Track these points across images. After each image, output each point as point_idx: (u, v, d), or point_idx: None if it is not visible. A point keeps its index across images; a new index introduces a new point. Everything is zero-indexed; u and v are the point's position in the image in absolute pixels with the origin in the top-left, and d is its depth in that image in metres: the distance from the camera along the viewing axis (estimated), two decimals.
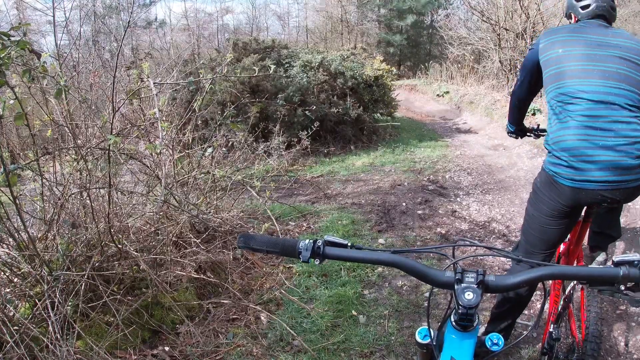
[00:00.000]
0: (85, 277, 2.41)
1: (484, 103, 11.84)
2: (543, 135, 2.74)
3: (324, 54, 9.17)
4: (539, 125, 2.76)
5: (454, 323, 1.06)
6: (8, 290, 2.43)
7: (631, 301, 1.59)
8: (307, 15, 26.69)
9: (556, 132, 1.92)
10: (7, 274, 2.44)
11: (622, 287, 1.00)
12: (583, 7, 2.12)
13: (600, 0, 2.09)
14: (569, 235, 2.30)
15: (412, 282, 3.43)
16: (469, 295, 0.99)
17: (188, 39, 19.37)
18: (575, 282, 2.17)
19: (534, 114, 8.87)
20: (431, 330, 1.15)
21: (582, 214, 2.16)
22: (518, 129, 2.68)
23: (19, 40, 1.79)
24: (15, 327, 2.12)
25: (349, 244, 1.13)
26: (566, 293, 2.20)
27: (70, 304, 2.31)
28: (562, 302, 2.20)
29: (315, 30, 25.64)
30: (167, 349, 2.61)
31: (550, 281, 2.43)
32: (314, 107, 7.69)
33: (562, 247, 2.47)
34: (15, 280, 2.46)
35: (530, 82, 2.24)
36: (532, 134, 2.77)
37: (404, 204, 5.20)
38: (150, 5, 21.85)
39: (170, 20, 24.45)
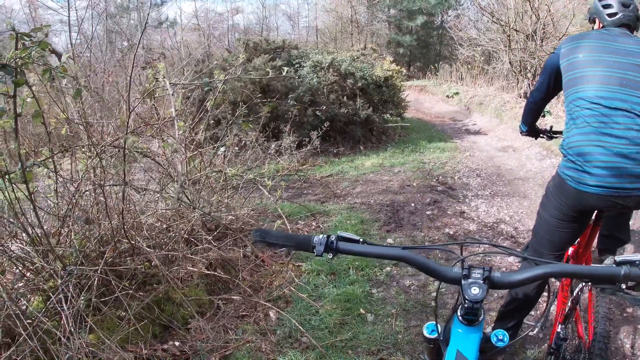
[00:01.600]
0: (98, 272, 2.45)
1: (493, 104, 11.80)
2: (555, 137, 2.74)
3: (334, 55, 9.19)
4: (552, 127, 2.76)
5: (460, 317, 1.09)
6: (21, 284, 2.47)
7: (631, 300, 1.61)
8: (317, 15, 26.66)
9: (572, 136, 1.93)
10: (19, 269, 2.49)
11: (624, 286, 1.03)
12: (610, 15, 2.11)
13: (628, 9, 2.09)
14: (578, 239, 2.31)
15: (419, 282, 3.45)
16: (475, 290, 1.03)
17: (199, 39, 19.45)
18: (583, 283, 2.19)
19: (543, 116, 8.84)
20: (438, 325, 1.18)
21: (593, 217, 2.18)
22: (530, 129, 2.70)
23: (40, 41, 1.84)
24: (29, 321, 2.16)
25: (361, 240, 1.17)
26: (574, 294, 2.21)
27: (83, 298, 2.35)
28: (569, 303, 2.21)
29: (325, 31, 25.59)
30: (177, 343, 2.65)
31: (557, 282, 2.45)
32: (324, 107, 7.73)
33: (570, 249, 2.48)
34: (28, 274, 2.51)
35: (548, 85, 2.25)
36: (545, 136, 2.77)
37: (412, 204, 5.22)
38: (162, 5, 22.01)
39: (181, 19, 24.58)
